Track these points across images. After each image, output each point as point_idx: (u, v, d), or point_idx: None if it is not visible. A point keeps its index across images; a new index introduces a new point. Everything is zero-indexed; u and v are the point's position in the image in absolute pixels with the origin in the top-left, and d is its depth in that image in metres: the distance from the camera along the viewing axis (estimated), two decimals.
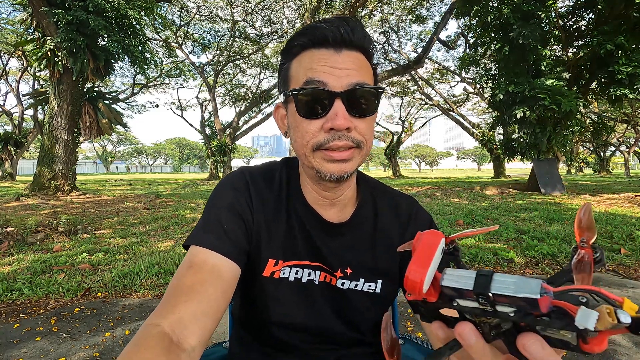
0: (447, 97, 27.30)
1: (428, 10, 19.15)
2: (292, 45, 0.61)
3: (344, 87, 0.57)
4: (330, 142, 0.58)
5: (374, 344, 0.73)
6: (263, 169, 0.73)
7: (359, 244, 0.70)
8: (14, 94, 19.48)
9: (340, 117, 0.56)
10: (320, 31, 0.58)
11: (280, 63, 0.66)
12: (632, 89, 8.68)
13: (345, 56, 0.58)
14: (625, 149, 30.84)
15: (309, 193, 0.69)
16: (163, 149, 70.96)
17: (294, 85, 0.60)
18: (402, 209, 0.74)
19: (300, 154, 0.62)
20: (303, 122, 0.59)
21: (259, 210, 0.67)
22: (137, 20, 10.06)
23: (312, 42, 0.59)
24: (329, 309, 0.69)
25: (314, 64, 0.58)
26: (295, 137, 0.61)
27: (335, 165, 0.59)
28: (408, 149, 79.86)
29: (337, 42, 0.59)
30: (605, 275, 3.15)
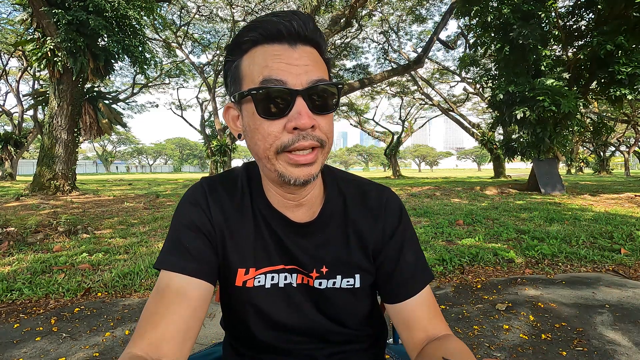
0: (447, 97, 27.30)
1: (428, 10, 19.16)
2: (242, 40, 0.57)
3: (304, 84, 0.54)
4: (296, 143, 0.54)
5: (364, 339, 0.73)
6: (223, 176, 0.71)
7: (331, 241, 0.68)
8: (14, 94, 19.49)
9: (304, 116, 0.53)
10: (273, 25, 0.54)
11: (226, 60, 0.61)
12: (632, 89, 8.68)
13: (301, 51, 0.55)
14: (625, 149, 30.85)
15: (273, 196, 0.66)
16: (163, 149, 70.97)
17: (248, 84, 0.56)
18: (371, 197, 0.71)
19: (261, 157, 0.58)
20: (263, 124, 0.55)
21: (219, 221, 0.65)
22: (137, 20, 10.05)
23: (264, 37, 0.55)
24: (313, 309, 0.68)
25: (268, 61, 0.54)
26: (255, 140, 0.57)
27: (301, 170, 0.56)
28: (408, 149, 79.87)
29: (291, 36, 0.55)
30: (605, 275, 3.15)
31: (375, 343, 0.75)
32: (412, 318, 0.66)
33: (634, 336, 2.05)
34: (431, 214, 6.29)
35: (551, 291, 2.77)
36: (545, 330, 2.14)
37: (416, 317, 0.66)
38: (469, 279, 3.07)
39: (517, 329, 2.17)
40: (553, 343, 1.99)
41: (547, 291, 2.77)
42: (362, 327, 0.72)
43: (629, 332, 2.11)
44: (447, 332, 0.66)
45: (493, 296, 2.68)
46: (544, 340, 2.03)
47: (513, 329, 2.17)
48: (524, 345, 1.98)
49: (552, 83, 9.00)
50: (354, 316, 0.70)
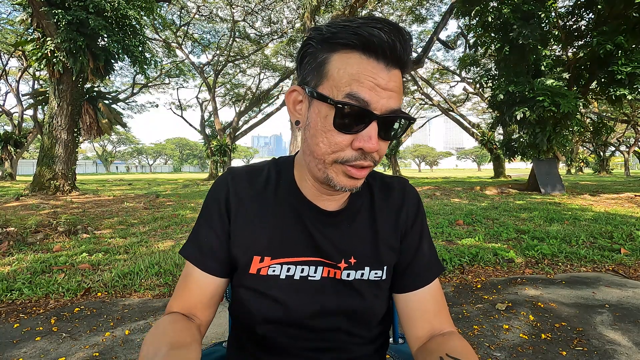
0: (447, 97, 27.30)
1: (428, 10, 19.18)
2: (337, 39, 0.55)
3: (383, 110, 0.54)
4: (356, 161, 0.57)
5: (377, 339, 0.72)
6: (249, 167, 0.73)
7: (359, 232, 0.69)
8: (14, 94, 19.49)
9: (374, 141, 0.55)
10: (378, 40, 0.53)
11: (309, 44, 0.59)
12: (632, 88, 8.68)
13: (392, 75, 0.55)
14: (625, 149, 30.85)
15: (307, 188, 0.67)
16: (163, 149, 70.96)
17: (331, 87, 0.55)
18: (394, 190, 0.74)
19: (316, 157, 0.59)
20: (334, 132, 0.56)
21: (239, 212, 0.67)
22: (137, 20, 10.06)
23: (364, 47, 0.54)
24: (332, 306, 0.66)
25: (361, 76, 0.53)
26: (317, 141, 0.58)
27: (350, 181, 0.59)
28: (408, 149, 79.85)
29: (390, 57, 0.54)
30: (605, 275, 3.16)
31: (383, 345, 0.74)
32: (419, 309, 0.67)
33: (634, 336, 2.05)
34: (431, 214, 6.29)
35: (551, 291, 2.77)
36: (545, 330, 2.14)
37: (423, 309, 0.67)
38: (469, 279, 3.07)
39: (517, 328, 2.17)
40: (553, 343, 1.99)
41: (547, 291, 2.77)
42: (376, 326, 0.71)
43: (629, 332, 2.11)
44: (451, 328, 0.66)
45: (493, 296, 2.68)
46: (544, 340, 2.03)
47: (513, 328, 2.17)
48: (524, 345, 1.98)
49: (552, 83, 9.01)
50: (374, 313, 0.69)
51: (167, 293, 2.85)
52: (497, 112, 10.79)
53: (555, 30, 10.03)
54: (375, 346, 0.72)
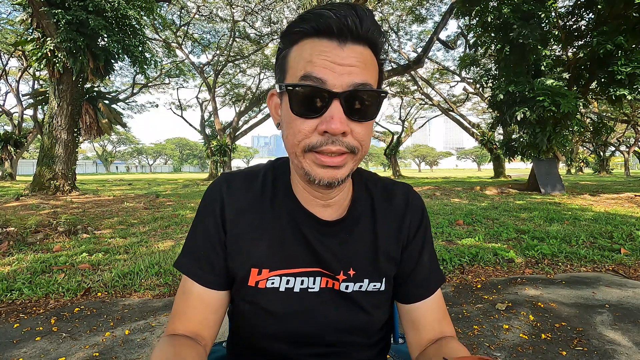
0: (447, 97, 27.30)
1: (428, 10, 19.18)
2: (292, 31, 0.55)
3: (344, 86, 0.51)
4: (323, 146, 0.53)
5: (377, 344, 0.71)
6: (245, 172, 0.69)
7: (359, 242, 0.66)
8: (14, 94, 19.49)
9: (337, 121, 0.51)
10: (325, 19, 0.52)
11: (279, 48, 0.59)
12: (632, 89, 8.68)
13: (349, 50, 0.52)
14: (625, 149, 30.85)
15: (301, 193, 0.64)
16: (163, 149, 70.95)
17: (291, 76, 0.55)
18: (397, 197, 0.70)
19: (290, 153, 0.58)
20: (296, 120, 0.54)
21: (234, 222, 0.64)
22: (137, 20, 10.05)
23: (315, 30, 0.53)
24: (331, 316, 0.65)
25: (314, 57, 0.52)
26: (286, 134, 0.56)
27: (326, 171, 0.55)
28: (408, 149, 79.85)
29: (342, 33, 0.52)
30: (605, 275, 3.16)
31: (384, 349, 0.74)
32: (423, 319, 0.67)
33: (633, 336, 2.05)
34: (431, 214, 6.29)
35: (551, 291, 2.77)
36: (545, 330, 2.14)
37: (427, 319, 0.67)
38: (469, 279, 3.07)
39: (517, 328, 2.17)
40: (553, 343, 1.99)
41: (547, 291, 2.77)
42: (377, 333, 0.70)
43: (629, 331, 2.11)
44: (452, 334, 0.66)
45: (493, 296, 2.68)
46: (544, 340, 2.03)
47: (513, 328, 2.17)
48: (524, 345, 1.98)
49: (552, 83, 9.01)
50: (375, 322, 0.67)
51: (167, 293, 2.85)
52: (497, 112, 10.79)
53: (555, 30, 10.03)
54: (376, 350, 0.71)
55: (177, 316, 0.64)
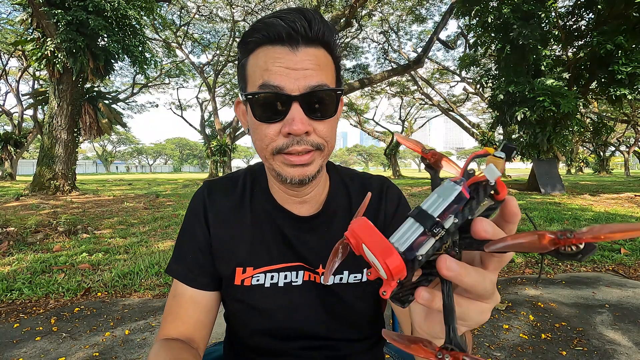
0: (447, 97, 27.29)
1: (428, 10, 19.16)
2: (246, 41, 0.57)
3: (301, 89, 0.54)
4: (289, 147, 0.56)
5: (366, 340, 0.72)
6: (225, 178, 0.73)
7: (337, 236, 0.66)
8: (14, 94, 19.48)
9: (298, 122, 0.54)
10: (274, 27, 0.54)
11: (238, 58, 0.62)
12: (632, 89, 8.68)
13: (302, 54, 0.54)
14: (625, 149, 30.84)
15: (277, 192, 0.68)
16: (163, 149, 70.92)
17: (250, 85, 0.57)
18: (373, 188, 0.73)
19: (261, 156, 0.61)
20: (261, 126, 0.57)
21: (217, 224, 0.68)
22: (137, 20, 10.05)
23: (267, 39, 0.55)
24: (317, 309, 0.67)
25: (268, 65, 0.54)
26: (254, 139, 0.60)
27: (296, 170, 0.58)
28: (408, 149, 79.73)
29: (292, 38, 0.54)
30: (605, 275, 3.16)
31: (376, 343, 0.74)
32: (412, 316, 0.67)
33: (633, 336, 2.05)
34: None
35: (551, 291, 2.77)
36: (545, 330, 2.14)
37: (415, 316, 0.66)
38: None
39: (517, 328, 2.16)
40: (553, 343, 1.99)
41: (547, 291, 2.77)
42: (366, 327, 0.71)
43: (629, 331, 2.10)
44: None
45: None
46: (544, 339, 2.03)
47: (513, 328, 2.17)
48: (524, 344, 1.98)
49: (552, 83, 9.01)
50: (359, 314, 0.69)
51: (167, 293, 2.85)
52: (497, 112, 10.79)
53: (555, 30, 10.03)
54: (367, 344, 0.72)
55: (169, 319, 0.66)
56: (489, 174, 0.28)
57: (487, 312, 0.31)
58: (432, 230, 0.27)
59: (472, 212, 0.28)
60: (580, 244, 0.24)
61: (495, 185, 0.29)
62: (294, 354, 0.67)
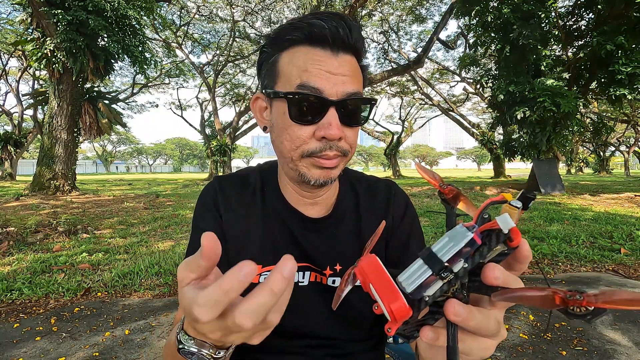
0: (447, 97, 27.28)
1: (428, 10, 19.15)
2: (284, 37, 0.57)
3: (339, 95, 0.55)
4: (322, 152, 0.56)
5: (368, 340, 0.72)
6: (236, 175, 0.73)
7: (345, 237, 0.68)
8: (14, 94, 19.48)
9: (334, 128, 0.55)
10: (319, 29, 0.54)
11: (263, 51, 0.61)
12: (632, 89, 8.68)
13: (341, 60, 0.56)
14: (625, 149, 30.83)
15: (290, 193, 0.68)
16: (163, 149, 70.91)
17: (284, 82, 0.57)
18: (380, 193, 0.74)
19: (285, 157, 0.60)
20: (294, 127, 0.56)
21: (229, 220, 0.67)
22: (137, 20, 10.05)
23: (308, 39, 0.55)
24: (322, 309, 0.67)
25: (308, 66, 0.55)
26: (282, 139, 0.59)
27: (322, 172, 0.58)
28: (408, 149, 79.83)
29: (335, 43, 0.55)
30: (605, 274, 3.15)
31: (378, 344, 0.75)
32: None
33: (633, 336, 2.05)
34: (431, 214, 6.29)
35: None
36: (546, 329, 2.14)
37: None
38: None
39: (517, 328, 2.16)
40: (553, 343, 1.99)
41: None
42: (368, 328, 0.71)
43: (629, 331, 2.11)
44: None
45: None
46: (544, 339, 2.03)
47: (513, 328, 2.17)
48: (524, 344, 1.98)
49: (552, 83, 9.00)
50: (363, 316, 0.69)
51: (167, 293, 2.85)
52: (497, 112, 10.79)
53: (555, 30, 10.03)
54: (370, 343, 0.72)
55: None
56: (502, 223, 0.27)
57: (491, 348, 0.32)
58: (440, 274, 0.27)
59: (482, 257, 0.29)
60: (589, 307, 0.24)
61: (509, 234, 0.28)
62: (298, 352, 0.67)
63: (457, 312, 0.28)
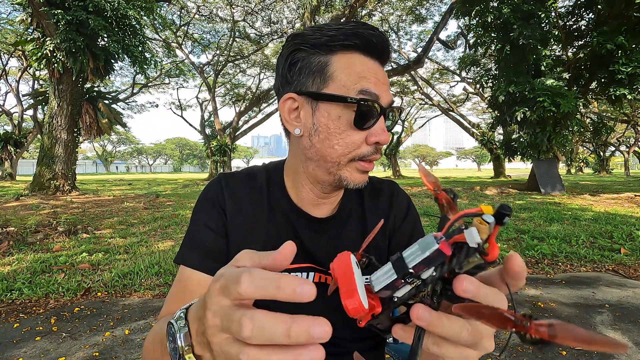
0: (447, 97, 27.29)
1: (428, 10, 19.16)
2: (336, 41, 0.56)
3: (387, 103, 0.58)
4: (372, 155, 0.59)
5: (371, 338, 0.72)
6: (242, 173, 0.73)
7: (349, 237, 0.69)
8: (14, 94, 19.48)
9: (387, 134, 0.58)
10: (375, 38, 0.57)
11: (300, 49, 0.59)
12: (632, 88, 8.68)
13: (383, 71, 0.60)
14: (625, 149, 30.84)
15: (296, 193, 0.68)
16: (163, 149, 70.91)
17: (339, 87, 0.56)
18: (384, 192, 0.75)
19: (329, 161, 0.59)
20: (350, 131, 0.57)
21: (234, 218, 0.67)
22: (137, 20, 10.05)
23: (363, 47, 0.57)
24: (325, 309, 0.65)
25: (366, 73, 0.56)
26: (332, 144, 0.57)
27: (363, 176, 0.61)
28: (408, 149, 79.83)
29: (383, 55, 0.59)
30: (605, 274, 3.15)
31: (378, 344, 0.75)
32: None
33: (634, 336, 2.05)
34: (431, 214, 6.29)
35: (551, 291, 2.77)
36: None
37: None
38: None
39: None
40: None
41: (547, 291, 2.77)
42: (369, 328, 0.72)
43: (629, 331, 2.11)
44: None
45: None
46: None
47: None
48: (524, 344, 1.98)
49: (552, 83, 9.01)
50: None
51: (167, 293, 2.85)
52: (497, 112, 10.79)
53: (555, 30, 10.03)
54: (370, 343, 0.72)
55: (173, 300, 0.63)
56: (469, 237, 0.27)
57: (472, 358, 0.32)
58: (405, 279, 0.29)
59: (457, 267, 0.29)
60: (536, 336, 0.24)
61: (482, 247, 0.28)
62: None
63: (419, 316, 0.29)
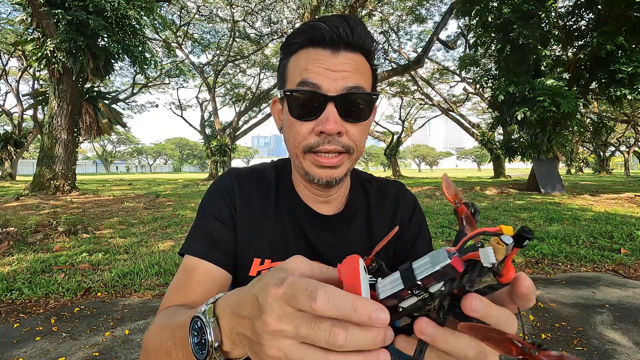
0: (447, 97, 27.29)
1: (428, 10, 19.16)
2: (291, 42, 0.61)
3: (338, 90, 0.56)
4: (320, 146, 0.58)
5: None
6: (251, 169, 0.74)
7: (356, 235, 0.70)
8: (14, 94, 19.48)
9: (331, 122, 0.56)
10: (318, 30, 0.57)
11: (280, 58, 0.65)
12: (632, 89, 8.68)
13: (342, 58, 0.57)
14: (625, 149, 30.84)
15: (303, 191, 0.69)
16: (163, 149, 70.90)
17: (289, 83, 0.60)
18: (390, 193, 0.75)
19: (292, 154, 0.63)
20: (295, 123, 0.59)
21: (243, 212, 0.67)
22: (137, 20, 10.05)
23: (310, 41, 0.58)
24: None
25: (309, 64, 0.57)
26: (287, 136, 0.62)
27: (324, 171, 0.59)
28: (408, 149, 79.81)
29: (334, 42, 0.57)
30: (605, 274, 3.16)
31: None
32: None
33: (633, 336, 2.05)
34: (431, 214, 6.29)
35: (551, 291, 2.77)
36: (545, 330, 2.14)
37: None
38: None
39: (517, 328, 2.16)
40: (553, 343, 1.99)
41: (547, 291, 2.77)
42: None
43: (629, 331, 2.11)
44: None
45: None
46: (544, 340, 2.03)
47: None
48: None
49: (552, 83, 9.01)
50: None
51: None
52: (497, 112, 10.79)
53: (555, 30, 10.03)
54: None
55: (177, 290, 0.60)
56: (483, 256, 0.26)
57: None
58: (412, 291, 0.28)
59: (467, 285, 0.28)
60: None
61: (497, 268, 0.27)
62: None
63: (422, 330, 0.29)
